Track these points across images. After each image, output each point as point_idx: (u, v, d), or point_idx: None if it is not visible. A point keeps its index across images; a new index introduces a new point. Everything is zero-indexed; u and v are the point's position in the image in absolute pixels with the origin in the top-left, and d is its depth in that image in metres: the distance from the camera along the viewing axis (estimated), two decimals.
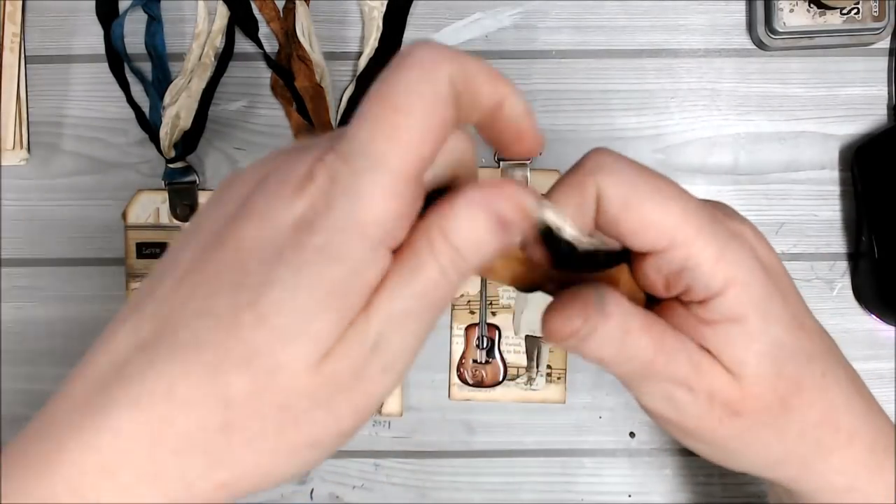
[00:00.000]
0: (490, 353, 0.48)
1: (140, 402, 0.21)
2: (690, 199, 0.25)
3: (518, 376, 0.48)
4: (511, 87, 0.24)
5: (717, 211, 0.26)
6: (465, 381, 0.49)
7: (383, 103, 0.21)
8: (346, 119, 0.48)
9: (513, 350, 0.48)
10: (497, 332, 0.48)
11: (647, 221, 0.24)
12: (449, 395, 0.49)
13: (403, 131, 0.20)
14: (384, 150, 0.20)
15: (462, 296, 0.48)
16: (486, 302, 0.48)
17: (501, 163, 0.48)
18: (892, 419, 0.48)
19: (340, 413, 0.22)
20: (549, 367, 0.48)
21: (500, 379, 0.48)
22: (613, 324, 0.24)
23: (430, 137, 0.21)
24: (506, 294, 0.48)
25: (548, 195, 0.26)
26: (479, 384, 0.49)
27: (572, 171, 0.26)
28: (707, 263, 0.25)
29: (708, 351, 0.26)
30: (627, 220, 0.25)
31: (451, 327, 0.49)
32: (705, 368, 0.26)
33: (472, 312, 0.48)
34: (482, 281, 0.48)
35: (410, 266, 0.21)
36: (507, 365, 0.48)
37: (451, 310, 0.49)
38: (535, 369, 0.48)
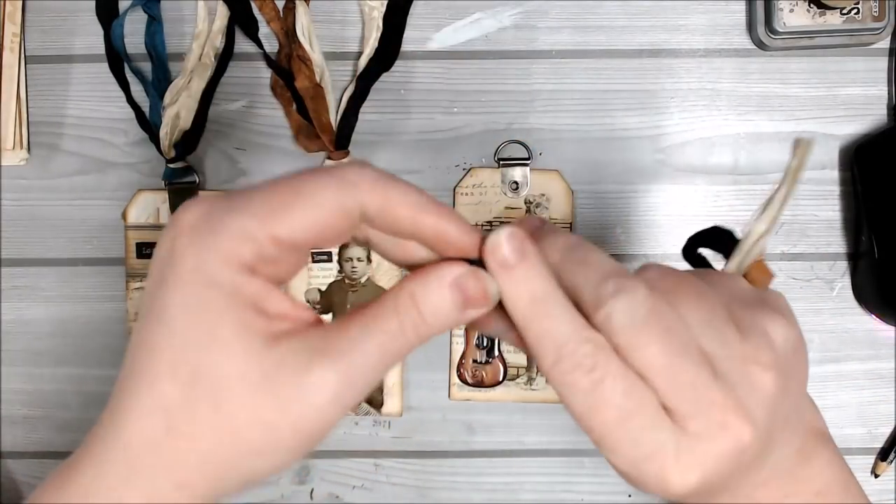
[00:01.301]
0: (490, 352, 0.48)
1: (118, 427, 0.25)
2: (630, 423, 0.26)
3: (518, 376, 0.48)
4: (436, 222, 0.25)
5: (674, 435, 0.26)
6: (465, 381, 0.49)
7: (296, 185, 0.25)
8: (346, 119, 0.48)
9: (513, 350, 0.48)
10: None
11: (583, 426, 0.26)
12: (449, 395, 0.49)
13: (292, 211, 0.24)
14: (270, 212, 0.24)
15: None
16: None
17: (500, 162, 0.48)
18: (893, 422, 0.48)
19: (279, 424, 0.24)
20: None
21: (500, 379, 0.48)
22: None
23: (310, 228, 0.24)
24: None
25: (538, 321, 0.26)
26: (479, 384, 0.49)
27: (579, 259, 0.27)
28: (628, 475, 0.26)
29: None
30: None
31: None
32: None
33: None
34: None
35: (374, 316, 0.24)
36: (508, 365, 0.48)
37: None
38: (535, 369, 0.48)
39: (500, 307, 0.26)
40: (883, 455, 0.49)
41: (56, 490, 0.26)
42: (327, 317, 0.29)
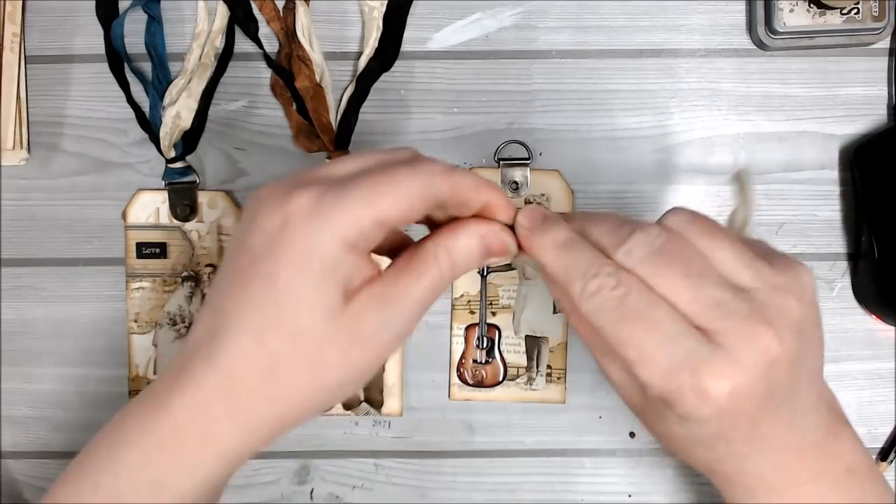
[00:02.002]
0: (490, 352, 0.48)
1: (214, 366, 0.30)
2: (659, 349, 0.29)
3: (518, 376, 0.48)
4: (491, 192, 0.32)
5: (699, 354, 0.28)
6: (465, 382, 0.49)
7: (387, 176, 0.30)
8: (346, 119, 0.48)
9: (513, 350, 0.48)
10: (497, 332, 0.48)
11: (612, 343, 0.30)
12: (449, 395, 0.49)
13: (388, 198, 0.29)
14: (372, 198, 0.29)
15: (462, 296, 0.48)
16: (485, 302, 0.48)
17: (501, 162, 0.48)
18: (893, 422, 0.48)
19: (360, 358, 0.30)
20: (549, 366, 0.48)
21: (500, 379, 0.48)
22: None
23: (402, 212, 0.30)
24: (505, 294, 0.48)
25: (561, 266, 0.31)
26: (480, 384, 0.49)
27: (574, 282, 0.31)
28: (659, 387, 0.29)
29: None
30: (601, 336, 0.31)
31: (451, 327, 0.49)
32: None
33: (471, 312, 0.48)
34: (482, 281, 0.48)
35: (420, 269, 0.31)
36: (508, 365, 0.48)
37: (451, 310, 0.49)
38: (535, 369, 0.48)
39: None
40: (883, 455, 0.49)
41: (151, 418, 0.31)
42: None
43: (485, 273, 0.48)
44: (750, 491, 0.32)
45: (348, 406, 0.49)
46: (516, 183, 0.48)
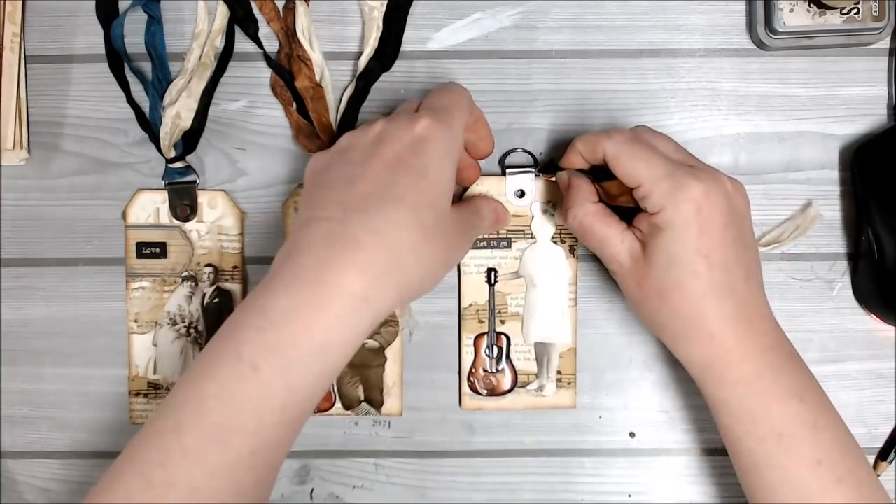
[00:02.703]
0: (499, 361, 0.48)
1: (378, 231, 0.36)
2: (655, 163, 0.40)
3: (528, 383, 0.48)
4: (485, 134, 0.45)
5: (683, 169, 0.40)
6: (476, 391, 0.48)
7: (453, 100, 0.41)
8: (346, 119, 0.48)
9: (522, 357, 0.48)
10: (506, 340, 0.48)
11: (625, 171, 0.41)
12: (460, 404, 0.49)
13: (463, 114, 0.41)
14: (460, 116, 0.41)
15: (470, 305, 0.48)
16: (494, 311, 0.48)
17: (506, 169, 0.48)
18: (893, 422, 0.48)
19: (463, 244, 0.43)
20: (559, 372, 0.48)
21: (511, 387, 0.48)
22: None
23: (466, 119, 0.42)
24: (514, 302, 0.48)
25: (579, 140, 0.44)
26: (492, 392, 0.48)
27: (596, 134, 0.43)
28: (653, 198, 0.40)
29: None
30: (616, 168, 0.41)
31: (459, 337, 0.49)
32: (628, 240, 0.41)
33: (480, 322, 0.48)
34: (490, 291, 0.48)
35: (474, 214, 0.45)
36: (518, 372, 0.48)
37: (460, 320, 0.49)
38: (545, 375, 0.48)
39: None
40: (883, 455, 0.49)
41: (312, 286, 0.35)
42: None
43: (493, 282, 0.48)
44: (727, 355, 0.39)
45: (348, 406, 0.49)
46: (522, 191, 0.48)
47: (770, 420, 0.39)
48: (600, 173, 0.43)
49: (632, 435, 0.49)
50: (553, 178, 0.47)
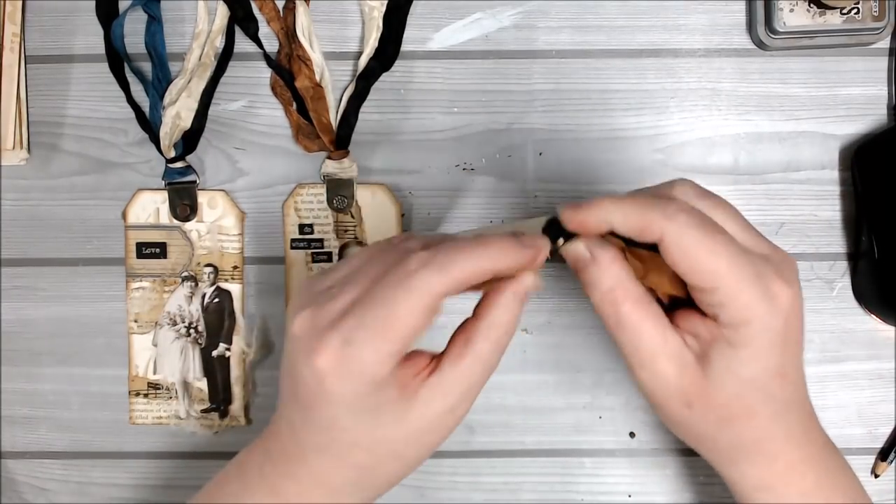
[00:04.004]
0: None
1: (318, 477, 0.34)
2: (738, 261, 0.31)
3: None
4: (495, 263, 0.32)
5: (767, 267, 0.32)
6: None
7: (385, 307, 0.31)
8: (346, 119, 0.48)
9: None
10: None
11: (697, 267, 0.31)
12: None
13: (396, 332, 0.31)
14: (382, 337, 0.31)
15: None
16: None
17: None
18: (893, 422, 0.48)
19: (435, 440, 0.35)
20: None
21: None
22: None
23: (412, 336, 0.31)
24: None
25: (617, 205, 0.32)
26: None
27: (648, 206, 0.31)
28: (733, 309, 0.31)
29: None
30: (681, 262, 0.31)
31: None
32: (676, 346, 0.32)
33: None
34: None
35: (470, 352, 0.33)
36: None
37: None
38: None
39: None
40: (883, 455, 0.49)
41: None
42: None
43: None
44: (770, 457, 0.34)
45: None
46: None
47: None
48: (626, 240, 0.33)
49: (632, 435, 0.49)
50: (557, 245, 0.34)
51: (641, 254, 0.32)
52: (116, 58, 0.49)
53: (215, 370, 0.49)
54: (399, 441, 0.33)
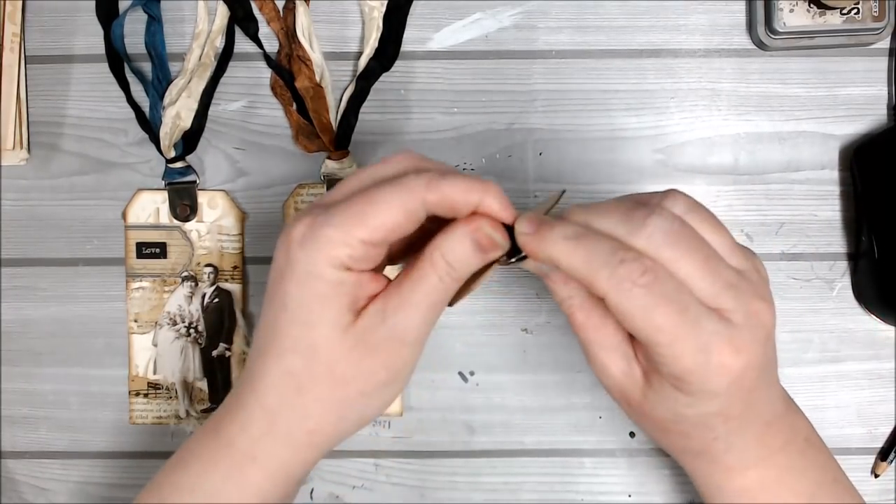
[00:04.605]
0: None
1: (253, 387, 0.34)
2: (682, 325, 0.29)
3: None
4: (483, 193, 0.31)
5: (716, 336, 0.30)
6: None
7: (367, 198, 0.31)
8: (346, 119, 0.48)
9: None
10: None
11: (639, 332, 0.30)
12: None
13: (370, 219, 0.31)
14: (353, 221, 0.31)
15: None
16: None
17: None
18: (893, 422, 0.48)
19: (374, 368, 0.32)
20: None
21: None
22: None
23: (385, 230, 0.31)
24: None
25: (570, 253, 0.31)
26: None
27: (597, 261, 0.30)
28: (676, 368, 0.30)
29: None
30: (623, 322, 0.30)
31: None
32: (625, 361, 0.33)
33: None
34: None
35: (418, 275, 0.32)
36: None
37: None
38: None
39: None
40: (883, 455, 0.49)
41: (209, 441, 0.35)
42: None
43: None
44: (730, 470, 0.34)
45: None
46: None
47: None
48: None
49: (632, 435, 0.49)
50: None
51: None
52: (116, 58, 0.49)
53: (215, 370, 0.49)
54: (334, 353, 0.32)
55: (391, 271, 0.35)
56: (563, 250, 0.30)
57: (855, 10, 0.46)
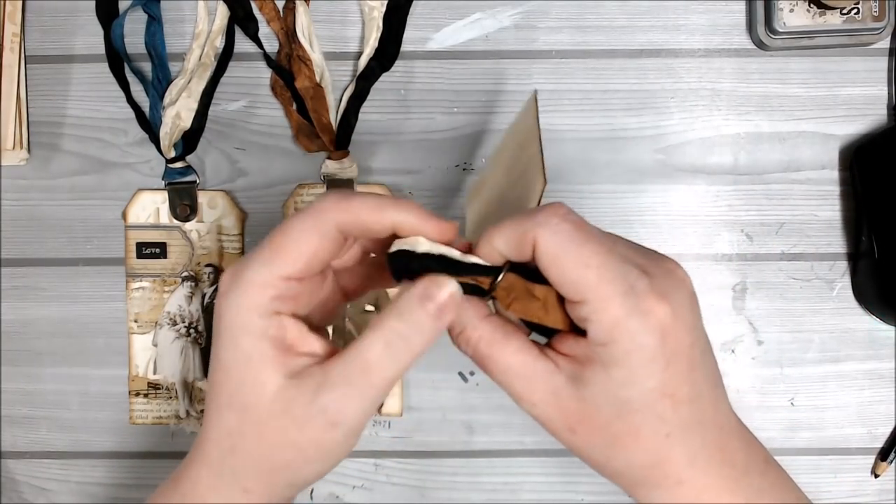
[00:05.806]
0: None
1: (201, 447, 0.32)
2: (609, 265, 0.29)
3: None
4: (396, 210, 0.30)
5: (642, 280, 0.29)
6: None
7: (280, 231, 0.30)
8: (346, 119, 0.48)
9: None
10: None
11: (566, 277, 0.29)
12: None
13: (285, 252, 0.30)
14: (271, 258, 0.30)
15: None
16: None
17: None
18: (893, 422, 0.47)
19: (300, 443, 0.30)
20: None
21: None
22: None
23: (303, 259, 0.30)
24: None
25: (496, 229, 0.30)
26: None
27: (521, 218, 0.30)
28: (600, 325, 0.29)
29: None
30: (552, 271, 0.29)
31: None
32: (545, 373, 0.30)
33: None
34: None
35: (365, 348, 0.30)
36: None
37: None
38: None
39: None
40: (883, 455, 0.49)
41: (170, 493, 0.33)
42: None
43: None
44: (674, 482, 0.31)
45: None
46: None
47: None
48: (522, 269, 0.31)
49: None
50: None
51: (537, 290, 0.31)
52: (116, 58, 0.49)
53: None
54: (262, 416, 0.30)
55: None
56: (496, 231, 0.30)
57: (855, 10, 0.46)
